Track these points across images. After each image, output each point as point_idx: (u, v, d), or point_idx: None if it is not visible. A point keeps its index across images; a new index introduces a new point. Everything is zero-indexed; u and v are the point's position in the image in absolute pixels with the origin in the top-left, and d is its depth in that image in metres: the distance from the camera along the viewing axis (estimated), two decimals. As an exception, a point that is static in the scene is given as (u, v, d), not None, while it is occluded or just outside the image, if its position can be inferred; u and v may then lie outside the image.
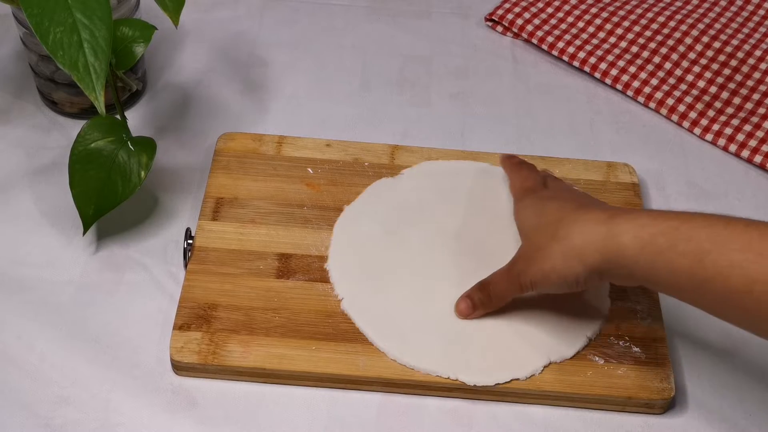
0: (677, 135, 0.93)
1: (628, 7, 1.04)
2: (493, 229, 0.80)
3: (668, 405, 0.72)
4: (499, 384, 0.70)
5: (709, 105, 0.94)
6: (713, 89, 0.96)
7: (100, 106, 0.69)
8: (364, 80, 0.97)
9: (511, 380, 0.71)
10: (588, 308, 0.75)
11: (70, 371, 0.71)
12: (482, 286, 0.73)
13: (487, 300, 0.73)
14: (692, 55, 0.99)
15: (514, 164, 0.81)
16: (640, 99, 0.96)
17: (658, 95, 0.95)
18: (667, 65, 0.98)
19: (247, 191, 0.82)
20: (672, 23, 1.01)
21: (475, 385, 0.70)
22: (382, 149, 0.86)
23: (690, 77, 0.97)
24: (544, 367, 0.72)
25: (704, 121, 0.93)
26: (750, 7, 1.06)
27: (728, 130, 0.92)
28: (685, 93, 0.95)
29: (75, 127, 0.85)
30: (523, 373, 0.71)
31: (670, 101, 0.95)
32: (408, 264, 0.77)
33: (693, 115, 0.94)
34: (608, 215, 0.64)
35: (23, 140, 0.87)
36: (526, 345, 0.73)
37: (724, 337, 0.76)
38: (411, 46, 1.01)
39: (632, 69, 0.97)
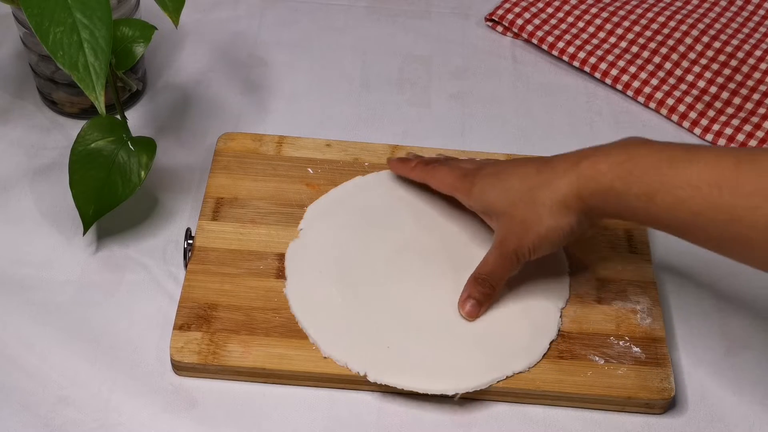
0: (677, 135, 0.93)
1: (628, 7, 1.04)
2: (437, 228, 0.80)
3: (668, 405, 0.72)
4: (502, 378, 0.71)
5: (709, 105, 0.94)
6: (713, 89, 0.96)
7: (100, 106, 0.69)
8: (364, 80, 0.97)
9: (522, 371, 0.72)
10: (551, 277, 0.77)
11: (70, 371, 0.71)
12: (478, 280, 0.73)
13: (491, 290, 0.73)
14: (692, 55, 0.99)
15: (425, 169, 0.80)
16: (640, 99, 0.96)
17: (658, 95, 0.95)
18: (667, 65, 0.98)
19: (247, 191, 0.82)
20: (672, 23, 1.01)
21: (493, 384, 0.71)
22: (382, 149, 0.86)
23: (690, 77, 0.97)
24: (553, 340, 0.73)
25: (704, 121, 0.93)
26: (750, 8, 1.06)
27: (728, 130, 0.92)
28: (685, 93, 0.95)
29: (75, 127, 0.85)
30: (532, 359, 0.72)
31: (670, 101, 0.95)
32: (373, 293, 0.75)
33: (693, 115, 0.94)
34: (572, 163, 0.68)
35: (23, 140, 0.87)
36: (526, 335, 0.73)
37: (724, 338, 0.77)
38: (411, 46, 1.01)
39: (632, 69, 0.97)
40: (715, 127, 0.93)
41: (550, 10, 1.03)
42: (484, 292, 0.73)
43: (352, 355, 0.71)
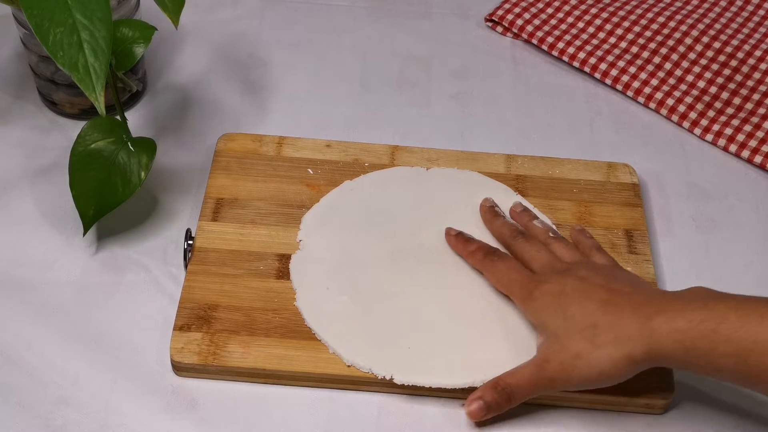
0: (677, 135, 0.93)
1: (628, 8, 1.04)
2: (434, 225, 0.80)
3: (669, 405, 0.72)
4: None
5: (709, 105, 0.94)
6: (713, 89, 0.96)
7: (101, 106, 0.69)
8: (364, 81, 0.97)
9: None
10: None
11: (70, 372, 0.71)
12: (497, 388, 0.68)
13: (505, 402, 0.68)
14: (692, 56, 0.99)
15: (483, 260, 0.75)
16: (640, 99, 0.96)
17: (658, 95, 0.95)
18: (667, 65, 0.98)
19: (247, 192, 0.82)
20: (672, 23, 1.01)
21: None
22: (382, 150, 0.86)
23: (690, 77, 0.97)
24: None
25: (704, 122, 0.93)
26: (750, 8, 1.06)
27: (728, 131, 0.92)
28: (685, 93, 0.95)
29: (75, 127, 0.85)
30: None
31: (670, 101, 0.95)
32: (385, 296, 0.75)
33: (693, 115, 0.94)
34: (643, 319, 0.64)
35: (23, 141, 0.87)
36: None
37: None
38: (411, 46, 1.01)
39: (632, 69, 0.97)
40: (715, 127, 0.92)
41: (550, 10, 1.03)
42: (498, 402, 0.68)
43: (375, 360, 0.71)
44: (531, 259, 0.74)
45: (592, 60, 0.98)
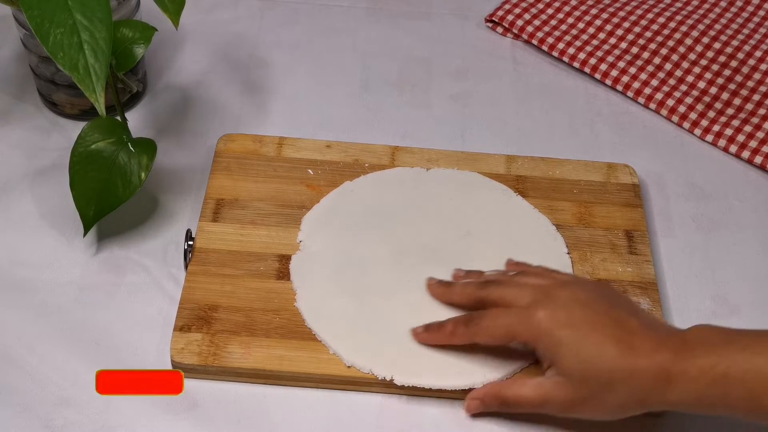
0: (678, 136, 0.93)
1: (628, 8, 1.04)
2: (432, 224, 0.80)
3: (669, 406, 0.72)
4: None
5: (709, 106, 0.95)
6: (713, 90, 0.96)
7: (101, 107, 0.69)
8: (364, 81, 0.97)
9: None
10: None
11: (71, 372, 0.71)
12: (500, 399, 0.69)
13: (503, 409, 0.69)
14: (692, 56, 0.99)
15: (467, 331, 0.69)
16: (641, 100, 0.96)
17: (659, 96, 0.95)
18: (668, 66, 0.98)
19: (248, 192, 0.82)
20: (672, 24, 1.01)
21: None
22: (382, 150, 0.86)
23: (690, 78, 0.97)
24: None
25: (704, 122, 0.93)
26: (750, 8, 1.06)
27: (728, 131, 0.92)
28: (686, 94, 0.95)
29: (75, 128, 0.85)
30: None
31: (670, 102, 0.95)
32: (385, 297, 0.75)
33: (693, 116, 0.94)
34: (658, 369, 0.63)
35: (23, 142, 0.88)
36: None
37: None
38: (411, 47, 1.01)
39: (632, 70, 0.97)
40: (715, 128, 0.93)
41: (550, 11, 1.03)
42: (495, 407, 0.69)
43: (375, 361, 0.71)
44: (514, 299, 0.68)
45: (593, 61, 0.98)
